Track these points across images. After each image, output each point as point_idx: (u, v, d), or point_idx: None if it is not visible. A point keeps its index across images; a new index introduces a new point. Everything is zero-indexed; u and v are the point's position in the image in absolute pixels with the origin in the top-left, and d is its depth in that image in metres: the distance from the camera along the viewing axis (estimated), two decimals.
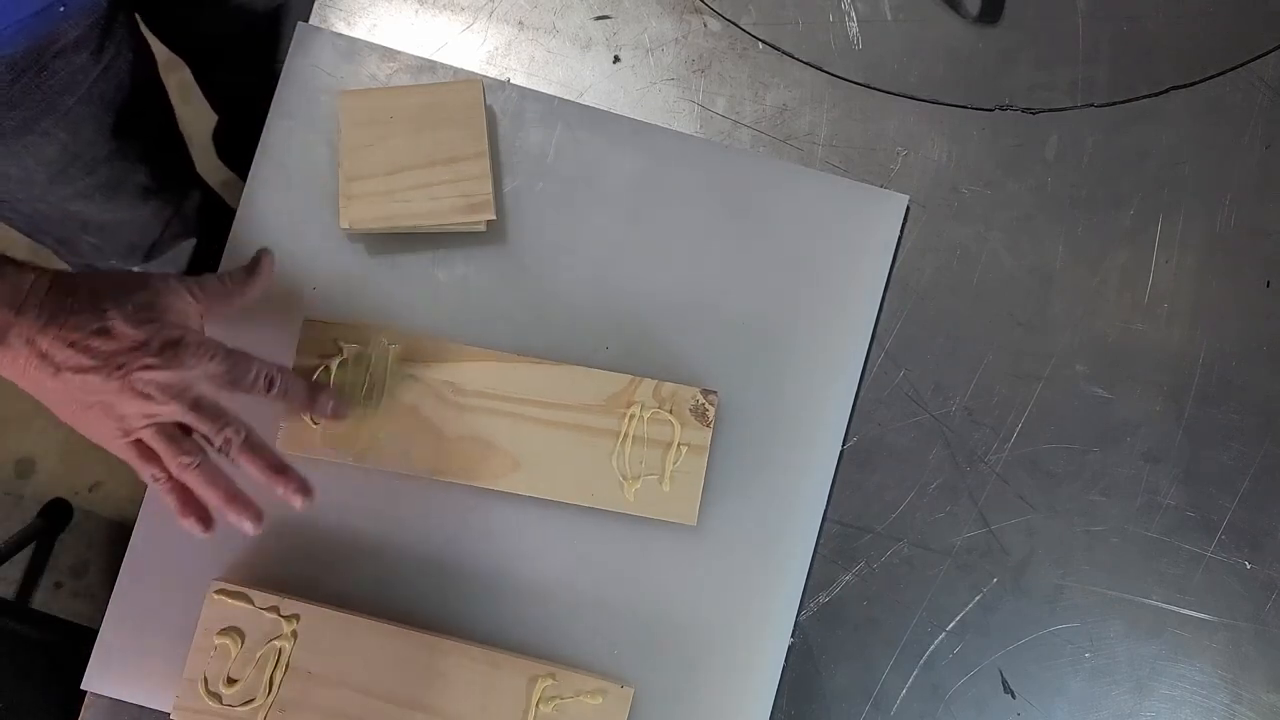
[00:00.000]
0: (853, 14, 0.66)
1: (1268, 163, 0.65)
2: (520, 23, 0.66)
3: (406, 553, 0.60)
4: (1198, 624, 0.62)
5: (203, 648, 0.57)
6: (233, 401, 0.52)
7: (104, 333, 0.48)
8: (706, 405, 0.60)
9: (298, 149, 0.63)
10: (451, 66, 0.64)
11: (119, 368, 0.48)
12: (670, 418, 0.59)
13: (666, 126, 0.65)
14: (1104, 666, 0.62)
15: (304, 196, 0.63)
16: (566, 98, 0.65)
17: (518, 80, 0.65)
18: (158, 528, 0.61)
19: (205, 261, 0.61)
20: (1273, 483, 0.63)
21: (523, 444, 0.59)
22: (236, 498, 0.53)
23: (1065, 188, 0.65)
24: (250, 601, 0.57)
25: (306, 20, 0.65)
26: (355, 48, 0.64)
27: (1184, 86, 0.66)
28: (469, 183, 0.60)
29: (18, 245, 1.04)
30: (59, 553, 1.37)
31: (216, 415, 0.51)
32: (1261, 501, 0.63)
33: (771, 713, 0.60)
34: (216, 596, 0.57)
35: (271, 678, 0.56)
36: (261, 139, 0.63)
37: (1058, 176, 0.65)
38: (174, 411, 0.50)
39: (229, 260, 0.62)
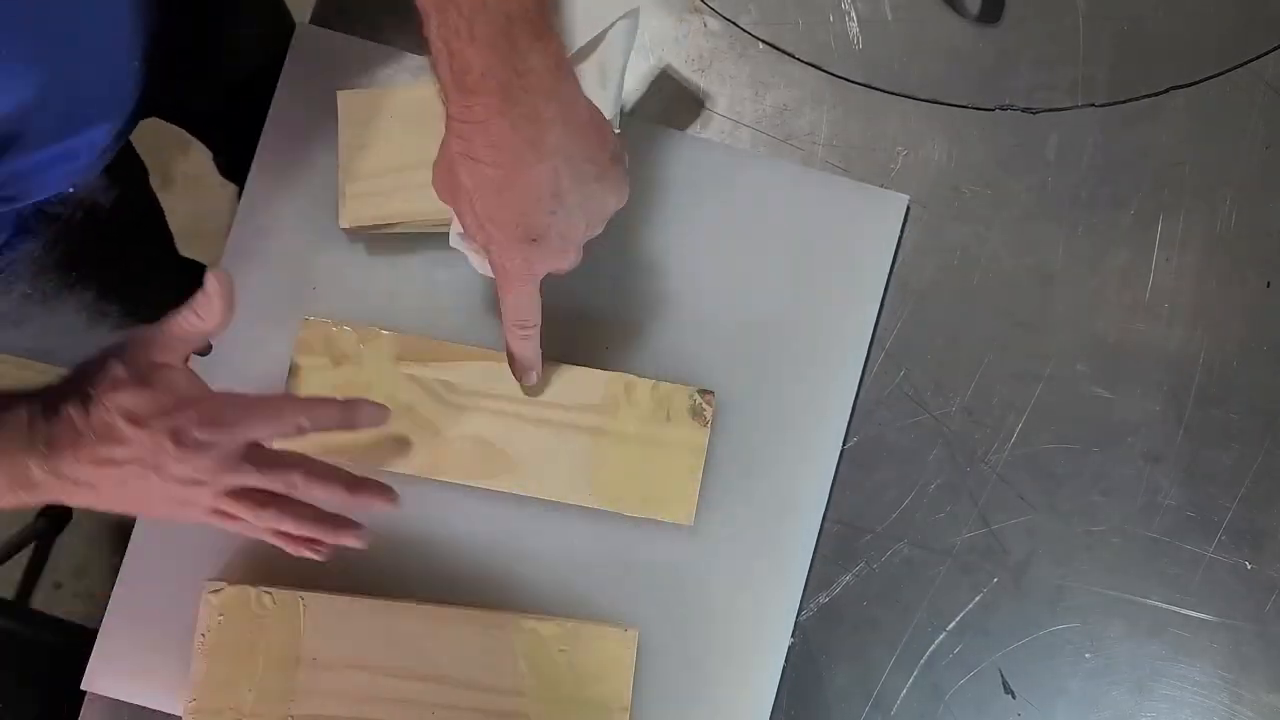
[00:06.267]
0: (853, 14, 0.66)
1: (1268, 163, 0.65)
2: None
3: (403, 554, 0.60)
4: (1198, 624, 0.62)
5: (206, 648, 0.57)
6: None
7: (117, 441, 0.47)
8: (704, 405, 0.60)
9: (298, 149, 0.63)
10: None
11: (154, 468, 0.47)
12: (668, 417, 0.59)
13: (667, 126, 0.65)
14: (1104, 666, 0.62)
15: (304, 196, 0.63)
16: None
17: None
18: (158, 528, 0.61)
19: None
20: (1273, 483, 0.63)
21: (520, 444, 0.59)
22: (325, 521, 0.53)
23: (1065, 188, 0.65)
24: (248, 597, 0.57)
25: (306, 20, 0.65)
26: (355, 48, 0.64)
27: (1184, 86, 0.66)
28: None
29: None
30: (59, 553, 1.37)
31: (268, 466, 0.50)
32: (1262, 501, 0.63)
33: (771, 713, 0.60)
34: (212, 596, 0.57)
35: (279, 670, 0.56)
36: (261, 139, 0.63)
37: (1058, 176, 0.65)
38: (229, 483, 0.49)
39: (229, 260, 0.62)
